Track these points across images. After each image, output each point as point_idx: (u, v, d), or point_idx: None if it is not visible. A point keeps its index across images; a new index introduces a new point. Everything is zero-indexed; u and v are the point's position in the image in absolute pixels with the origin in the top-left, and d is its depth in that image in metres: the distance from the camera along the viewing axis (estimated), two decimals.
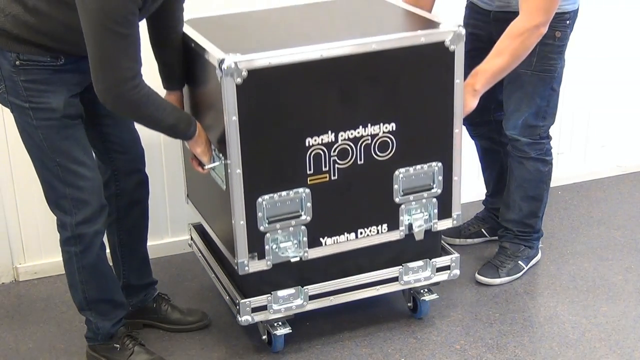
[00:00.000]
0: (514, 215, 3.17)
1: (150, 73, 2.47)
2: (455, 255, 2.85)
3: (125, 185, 2.69)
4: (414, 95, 2.60)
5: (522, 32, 2.67)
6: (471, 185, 3.13)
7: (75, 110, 2.40)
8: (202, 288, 3.14)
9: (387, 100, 2.58)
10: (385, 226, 2.71)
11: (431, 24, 2.62)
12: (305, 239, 2.61)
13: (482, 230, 3.44)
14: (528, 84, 2.86)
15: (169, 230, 3.35)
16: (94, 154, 2.54)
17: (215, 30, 2.66)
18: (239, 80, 2.37)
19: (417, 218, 2.73)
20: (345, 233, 2.67)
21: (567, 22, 2.86)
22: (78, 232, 2.47)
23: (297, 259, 2.61)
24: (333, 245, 2.66)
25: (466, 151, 2.74)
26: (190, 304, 3.00)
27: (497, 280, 3.14)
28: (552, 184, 3.19)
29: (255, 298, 2.61)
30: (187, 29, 2.64)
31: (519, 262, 3.18)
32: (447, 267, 2.84)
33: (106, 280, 2.62)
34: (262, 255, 2.58)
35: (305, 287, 2.66)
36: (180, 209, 3.21)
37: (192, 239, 3.10)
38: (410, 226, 2.73)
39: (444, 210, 2.76)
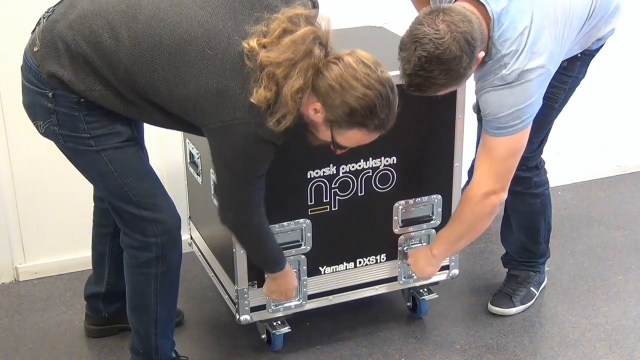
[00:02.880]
0: (512, 245, 3.02)
1: None
2: (455, 255, 2.85)
3: None
4: (415, 130, 2.62)
5: (471, 197, 2.48)
6: None
7: (136, 133, 2.33)
8: (202, 288, 3.13)
9: (388, 135, 2.56)
10: (384, 256, 2.73)
11: None
12: (304, 267, 2.63)
13: None
14: None
15: None
16: None
17: None
18: None
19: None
20: (345, 262, 2.69)
21: None
22: (164, 253, 2.36)
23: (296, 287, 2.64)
24: (332, 274, 2.69)
25: (467, 150, 2.74)
26: (190, 304, 3.00)
27: (512, 310, 2.95)
28: (552, 184, 3.11)
29: (254, 298, 2.61)
30: None
31: (531, 288, 3.01)
32: (447, 267, 2.84)
33: (175, 297, 2.51)
34: (261, 284, 2.59)
35: (304, 287, 2.66)
36: (179, 209, 3.19)
37: (192, 238, 3.10)
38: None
39: None
